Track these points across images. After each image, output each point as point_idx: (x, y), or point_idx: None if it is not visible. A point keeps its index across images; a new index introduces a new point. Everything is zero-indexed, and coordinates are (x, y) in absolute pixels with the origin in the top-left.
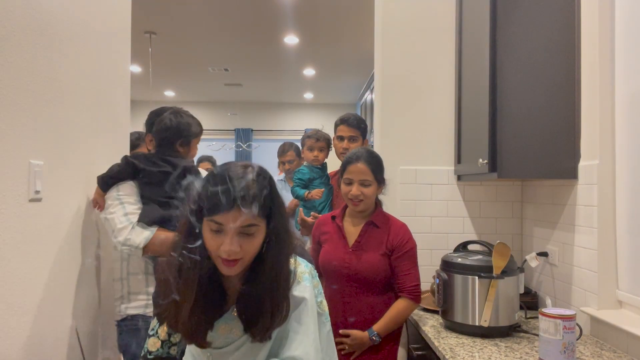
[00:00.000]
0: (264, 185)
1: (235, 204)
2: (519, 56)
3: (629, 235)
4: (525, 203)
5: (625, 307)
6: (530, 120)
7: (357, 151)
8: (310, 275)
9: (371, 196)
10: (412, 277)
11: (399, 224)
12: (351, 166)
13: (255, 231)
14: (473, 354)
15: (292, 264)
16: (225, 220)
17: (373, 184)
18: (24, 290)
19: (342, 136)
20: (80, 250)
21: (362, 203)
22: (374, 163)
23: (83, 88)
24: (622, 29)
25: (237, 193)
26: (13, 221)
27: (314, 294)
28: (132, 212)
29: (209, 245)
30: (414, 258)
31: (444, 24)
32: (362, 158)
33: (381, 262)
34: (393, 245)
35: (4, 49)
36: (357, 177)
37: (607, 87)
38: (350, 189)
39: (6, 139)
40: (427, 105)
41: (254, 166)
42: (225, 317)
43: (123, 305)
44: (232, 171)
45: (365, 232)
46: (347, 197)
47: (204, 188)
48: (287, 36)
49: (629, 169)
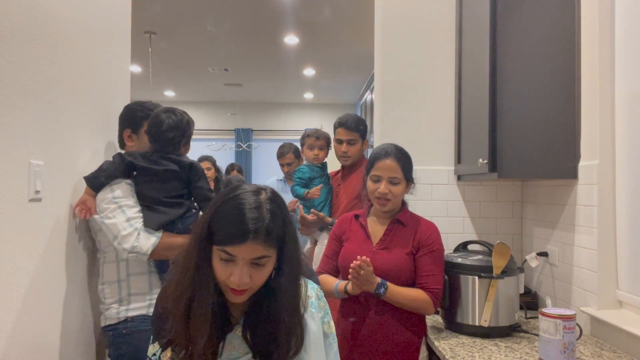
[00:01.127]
0: (278, 214)
1: (248, 237)
2: (519, 56)
3: (629, 235)
4: (525, 203)
5: (625, 307)
6: (530, 120)
7: (386, 146)
8: (317, 298)
9: (399, 195)
10: (436, 280)
11: (428, 223)
12: (379, 162)
13: (267, 262)
14: (473, 354)
15: (302, 287)
16: (238, 252)
17: (402, 182)
18: (24, 290)
19: (341, 139)
20: (80, 250)
21: (390, 203)
22: (404, 160)
23: (83, 88)
24: (622, 29)
25: (250, 226)
26: (13, 221)
27: (321, 317)
28: (133, 216)
29: (219, 273)
30: (441, 260)
31: (444, 24)
32: (392, 154)
33: (407, 261)
34: (420, 243)
35: (4, 49)
36: (385, 174)
37: (607, 87)
38: (377, 187)
39: (6, 139)
40: (427, 105)
41: (267, 191)
42: (228, 336)
43: (122, 307)
44: (245, 200)
45: (391, 231)
46: (373, 195)
47: (215, 216)
48: (287, 36)
49: (629, 169)
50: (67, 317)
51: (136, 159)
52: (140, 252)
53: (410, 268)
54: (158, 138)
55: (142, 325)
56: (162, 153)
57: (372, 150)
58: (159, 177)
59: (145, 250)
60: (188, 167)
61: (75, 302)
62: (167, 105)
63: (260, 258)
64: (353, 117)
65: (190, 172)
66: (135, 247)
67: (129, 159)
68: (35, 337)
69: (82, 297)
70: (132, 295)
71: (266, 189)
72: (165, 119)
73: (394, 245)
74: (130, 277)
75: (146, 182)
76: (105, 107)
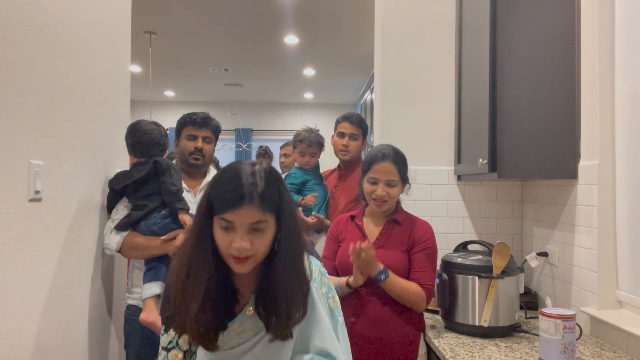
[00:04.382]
0: (272, 181)
1: (244, 201)
2: (519, 56)
3: (629, 235)
4: (525, 203)
5: (625, 307)
6: (530, 120)
7: (383, 148)
8: (320, 274)
9: (396, 197)
10: (428, 276)
11: (423, 222)
12: (377, 165)
13: (265, 227)
14: (473, 354)
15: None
16: (235, 217)
17: (399, 184)
18: (24, 290)
19: (344, 132)
20: (80, 250)
21: (386, 204)
22: (400, 162)
23: (83, 88)
24: (622, 30)
25: (245, 190)
26: (13, 221)
27: (324, 292)
28: (118, 218)
29: (220, 243)
30: (433, 258)
31: (444, 24)
32: (389, 157)
33: (403, 259)
34: (414, 241)
35: (4, 49)
36: (383, 177)
37: (607, 87)
38: (374, 189)
39: (6, 139)
40: (427, 105)
41: (261, 164)
42: (239, 317)
43: (127, 295)
44: (240, 169)
45: (387, 230)
46: (370, 197)
47: (213, 186)
48: (287, 36)
49: (629, 169)
50: (67, 317)
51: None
52: (110, 248)
53: (407, 266)
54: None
55: (133, 315)
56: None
57: (369, 151)
58: (130, 188)
59: (111, 247)
60: (152, 164)
61: (75, 302)
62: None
63: (258, 223)
64: (357, 115)
65: (155, 168)
66: (107, 244)
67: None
68: (35, 336)
69: (82, 297)
70: (133, 286)
71: (261, 163)
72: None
73: (391, 244)
74: (133, 270)
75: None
76: (106, 107)
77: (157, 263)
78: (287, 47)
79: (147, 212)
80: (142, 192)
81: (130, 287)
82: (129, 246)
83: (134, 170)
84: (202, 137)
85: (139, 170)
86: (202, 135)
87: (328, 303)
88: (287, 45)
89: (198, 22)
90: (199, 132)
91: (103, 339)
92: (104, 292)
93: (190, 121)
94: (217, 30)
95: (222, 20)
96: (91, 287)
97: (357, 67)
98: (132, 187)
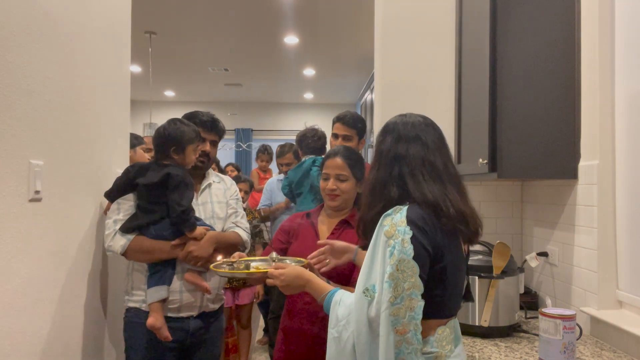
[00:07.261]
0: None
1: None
2: (519, 56)
3: (629, 235)
4: (525, 203)
5: (625, 307)
6: (530, 120)
7: (336, 147)
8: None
9: (348, 191)
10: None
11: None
12: (328, 161)
13: (346, 179)
14: (473, 354)
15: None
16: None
17: (350, 179)
18: (24, 290)
19: (337, 134)
20: (80, 250)
21: (339, 198)
22: (351, 159)
23: (83, 88)
24: (622, 29)
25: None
26: (13, 221)
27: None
28: (121, 218)
29: (321, 187)
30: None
31: (444, 24)
32: (340, 153)
33: (349, 262)
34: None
35: (4, 49)
36: (333, 172)
37: (607, 87)
38: (326, 184)
39: (6, 139)
40: (427, 105)
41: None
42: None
43: (127, 297)
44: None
45: (338, 231)
46: (324, 192)
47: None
48: (287, 36)
49: (629, 169)
50: (66, 317)
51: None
52: (113, 251)
53: (352, 269)
54: (153, 145)
55: (135, 318)
56: (155, 160)
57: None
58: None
59: (116, 250)
60: (165, 176)
61: (75, 302)
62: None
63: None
64: (352, 114)
65: (166, 182)
66: (110, 247)
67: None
68: (35, 336)
69: (82, 296)
70: (134, 289)
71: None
72: (160, 128)
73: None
74: (134, 272)
75: (139, 190)
76: (106, 107)
77: (162, 267)
78: (287, 47)
79: (157, 219)
80: (152, 197)
81: (131, 289)
82: (137, 249)
83: (152, 170)
84: (210, 140)
85: (154, 174)
86: (210, 139)
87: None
88: (287, 45)
89: (198, 22)
90: (208, 136)
91: (101, 340)
92: (103, 293)
93: (200, 123)
94: (217, 30)
95: (222, 20)
96: (91, 288)
97: (357, 67)
98: (143, 188)
